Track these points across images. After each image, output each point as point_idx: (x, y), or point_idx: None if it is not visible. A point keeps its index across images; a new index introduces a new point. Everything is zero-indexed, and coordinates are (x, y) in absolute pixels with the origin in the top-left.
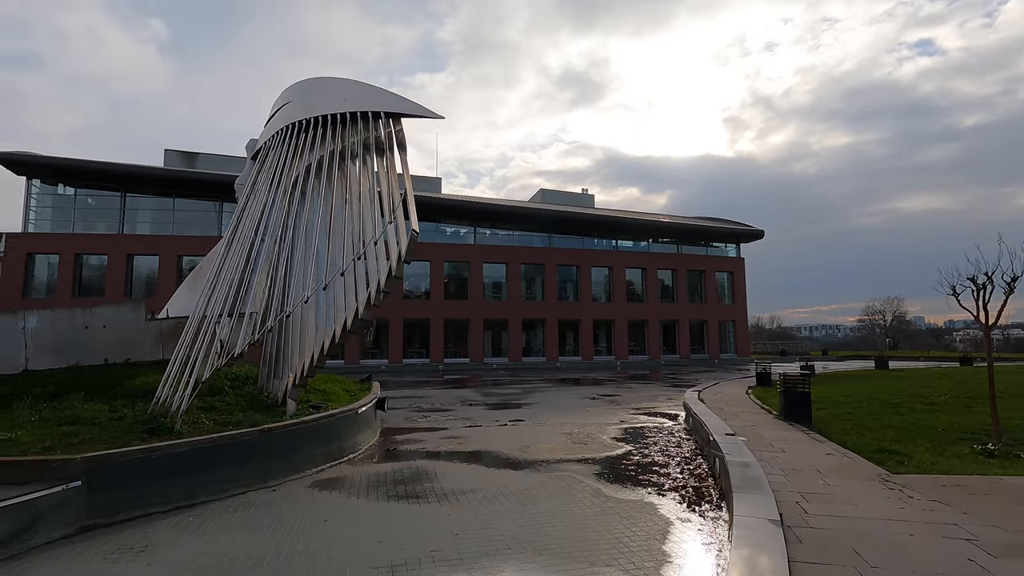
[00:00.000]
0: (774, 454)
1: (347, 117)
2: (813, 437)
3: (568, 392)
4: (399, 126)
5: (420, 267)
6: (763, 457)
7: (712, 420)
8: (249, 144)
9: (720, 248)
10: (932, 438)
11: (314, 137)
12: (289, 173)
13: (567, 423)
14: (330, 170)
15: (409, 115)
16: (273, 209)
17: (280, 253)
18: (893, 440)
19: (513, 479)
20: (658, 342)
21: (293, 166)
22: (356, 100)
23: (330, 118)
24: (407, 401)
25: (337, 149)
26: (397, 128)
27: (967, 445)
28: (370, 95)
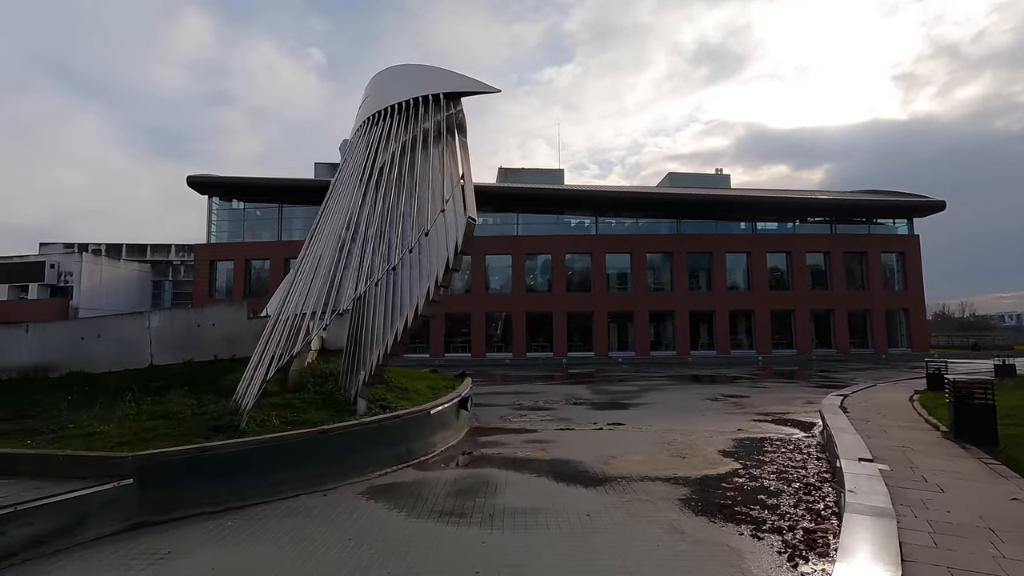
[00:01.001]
0: (926, 494)
1: (411, 104)
2: (992, 470)
3: (689, 391)
4: (458, 107)
5: (542, 260)
6: (908, 499)
7: (847, 437)
8: (342, 145)
9: (887, 225)
10: None
11: (388, 128)
12: (366, 167)
13: (672, 430)
14: (402, 161)
15: (464, 93)
16: (352, 205)
17: (354, 247)
18: None
19: (580, 499)
20: (808, 334)
21: (369, 160)
22: (417, 85)
23: (398, 107)
24: (513, 398)
25: (408, 138)
26: (457, 109)
27: None
28: (429, 77)
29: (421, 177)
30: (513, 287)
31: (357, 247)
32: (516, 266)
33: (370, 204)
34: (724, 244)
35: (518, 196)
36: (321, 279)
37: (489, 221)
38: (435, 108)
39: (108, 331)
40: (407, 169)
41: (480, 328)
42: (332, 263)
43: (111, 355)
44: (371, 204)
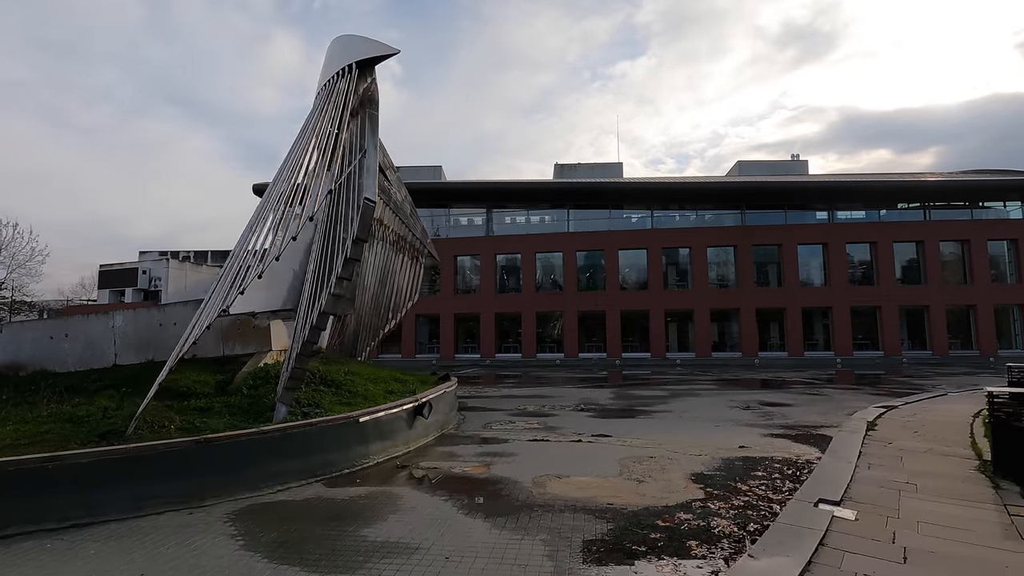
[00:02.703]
0: (880, 569)
1: (334, 78)
2: (1018, 526)
3: (724, 397)
4: (371, 77)
5: (594, 257)
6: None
7: (834, 466)
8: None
9: (996, 209)
10: None
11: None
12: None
13: (660, 445)
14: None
15: (367, 60)
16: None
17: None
18: None
19: (463, 534)
20: (897, 334)
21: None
22: (339, 57)
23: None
24: (522, 402)
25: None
26: (370, 80)
27: None
28: (347, 48)
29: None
30: (565, 285)
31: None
32: (568, 263)
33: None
34: (795, 235)
35: (569, 191)
36: (227, 274)
37: (546, 219)
38: (350, 80)
39: (75, 330)
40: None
41: (531, 328)
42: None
43: (77, 354)
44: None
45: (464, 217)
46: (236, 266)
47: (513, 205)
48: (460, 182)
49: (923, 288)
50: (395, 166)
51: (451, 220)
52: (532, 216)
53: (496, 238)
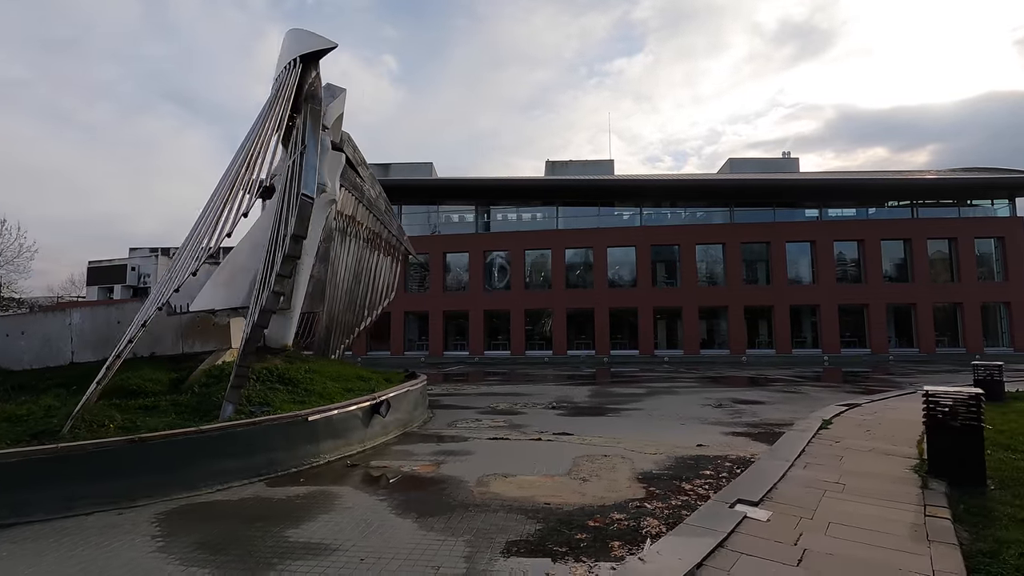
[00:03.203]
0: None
1: (283, 73)
2: (933, 527)
3: (699, 395)
4: (315, 72)
5: (583, 255)
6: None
7: (769, 465)
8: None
9: (983, 207)
10: None
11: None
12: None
13: (620, 442)
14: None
15: (309, 54)
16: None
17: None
18: None
19: (391, 536)
20: (884, 332)
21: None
22: (285, 52)
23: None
24: (496, 400)
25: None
26: (314, 75)
27: None
28: (293, 43)
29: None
30: (553, 282)
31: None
32: (556, 261)
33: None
34: (783, 233)
35: (559, 188)
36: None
37: (538, 216)
38: (294, 75)
39: (32, 328)
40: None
41: (520, 325)
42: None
43: (34, 352)
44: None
45: (456, 214)
46: (178, 264)
47: (504, 202)
48: (451, 179)
49: (910, 286)
50: (388, 163)
51: (442, 217)
52: (524, 213)
53: (485, 235)
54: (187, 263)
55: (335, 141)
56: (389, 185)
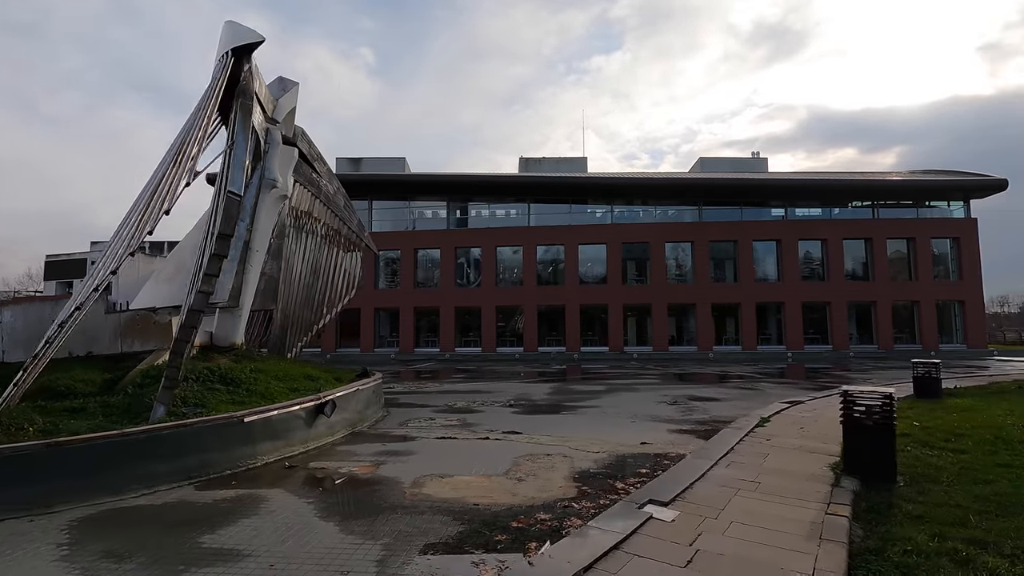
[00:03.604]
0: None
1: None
2: (830, 525)
3: (657, 392)
4: (246, 66)
5: (554, 252)
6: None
7: (691, 464)
8: None
9: (940, 208)
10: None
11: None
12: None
13: (567, 441)
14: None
15: (238, 48)
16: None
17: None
18: None
19: (309, 540)
20: (845, 329)
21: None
22: (219, 48)
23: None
24: (460, 398)
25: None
26: (245, 69)
27: None
28: (226, 36)
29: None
30: (524, 279)
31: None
32: (528, 258)
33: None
34: (750, 232)
35: (531, 185)
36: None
37: (512, 213)
38: (225, 69)
39: None
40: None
41: (491, 322)
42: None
43: None
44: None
45: (429, 210)
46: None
47: (477, 199)
48: (423, 174)
49: (871, 284)
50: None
51: (415, 213)
52: (497, 210)
53: (456, 231)
54: (108, 263)
55: (287, 135)
56: (360, 180)
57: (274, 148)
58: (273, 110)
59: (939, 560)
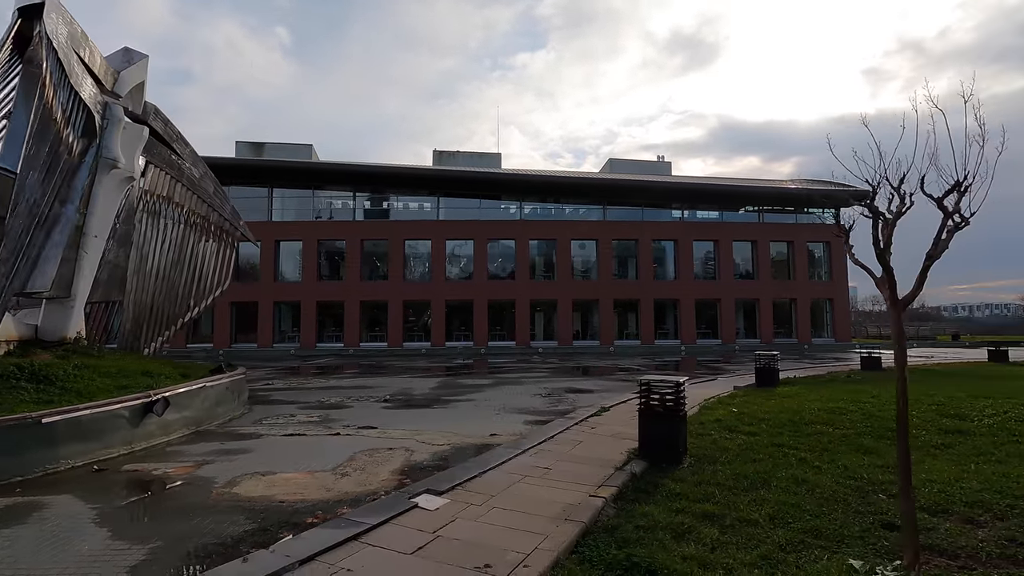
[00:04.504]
0: (395, 560)
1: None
2: (589, 504)
3: (541, 385)
4: (31, 32)
5: (464, 246)
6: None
7: (496, 453)
8: None
9: (816, 215)
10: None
11: None
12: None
13: (419, 434)
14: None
15: (21, 6)
16: None
17: None
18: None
19: (68, 548)
20: (733, 324)
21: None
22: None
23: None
24: (337, 393)
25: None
26: (34, 34)
27: (869, 551)
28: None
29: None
30: (433, 273)
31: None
32: (436, 251)
33: None
34: (650, 232)
35: (441, 179)
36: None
37: (426, 206)
38: (9, 31)
39: None
40: None
41: (398, 316)
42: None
43: None
44: None
45: (339, 201)
46: None
47: (388, 191)
48: (330, 163)
49: (756, 283)
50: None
51: (322, 203)
52: (410, 203)
53: (364, 223)
54: None
55: (134, 112)
56: (262, 166)
57: (114, 125)
58: (114, 83)
59: (662, 533)
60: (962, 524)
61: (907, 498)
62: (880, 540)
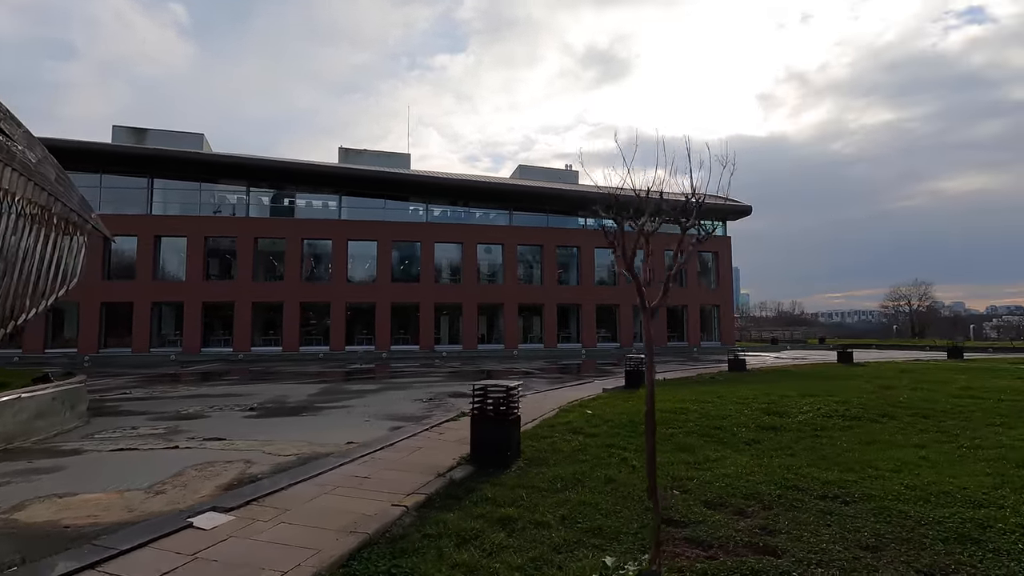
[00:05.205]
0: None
1: None
2: (388, 514)
3: (428, 390)
4: None
5: (367, 247)
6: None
7: (321, 462)
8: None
9: (705, 226)
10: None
11: None
12: None
13: (269, 444)
14: None
15: None
16: None
17: None
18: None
19: None
20: (631, 329)
21: None
22: None
23: None
24: (201, 402)
25: None
26: None
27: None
28: None
29: None
30: (334, 274)
31: None
32: (337, 252)
33: None
34: (555, 238)
35: (343, 177)
36: None
37: (330, 205)
38: None
39: None
40: None
41: (294, 319)
42: None
43: None
44: None
45: (234, 195)
46: None
47: (288, 187)
48: (222, 155)
49: (648, 290)
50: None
51: (214, 197)
52: (314, 200)
53: (258, 220)
54: None
55: None
56: (144, 155)
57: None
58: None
59: (446, 541)
60: (731, 516)
61: (654, 497)
62: (651, 535)
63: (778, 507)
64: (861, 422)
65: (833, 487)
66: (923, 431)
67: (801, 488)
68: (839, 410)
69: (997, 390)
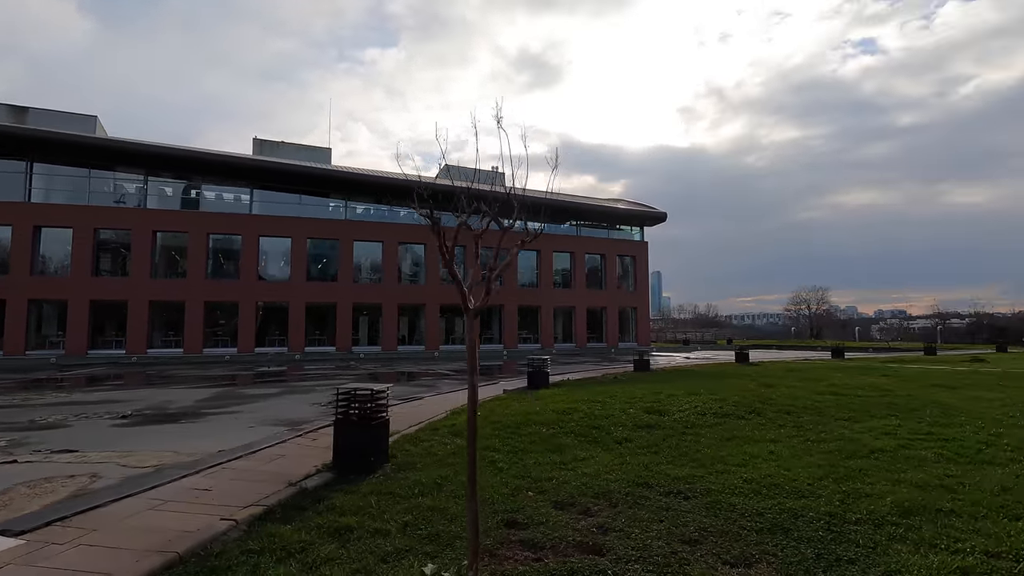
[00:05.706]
0: None
1: None
2: (213, 529)
3: (325, 394)
4: None
5: (279, 244)
6: None
7: (140, 481)
8: None
9: (625, 232)
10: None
11: None
12: None
13: (129, 456)
14: None
15: None
16: None
17: None
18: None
19: None
20: (551, 330)
21: None
22: None
23: None
24: (72, 410)
25: None
26: None
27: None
28: None
29: None
30: (243, 272)
31: None
32: (247, 248)
33: None
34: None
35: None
36: None
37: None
38: None
39: None
40: None
41: (197, 319)
42: None
43: None
44: None
45: (132, 185)
46: None
47: (194, 177)
48: (116, 140)
49: (571, 292)
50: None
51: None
52: (226, 193)
53: (157, 212)
54: None
55: None
56: (24, 135)
57: None
58: None
59: (267, 557)
60: (576, 515)
61: (472, 502)
62: (485, 540)
63: (623, 505)
64: (730, 419)
65: (680, 483)
66: (781, 426)
67: (651, 485)
68: (714, 408)
69: (859, 387)
